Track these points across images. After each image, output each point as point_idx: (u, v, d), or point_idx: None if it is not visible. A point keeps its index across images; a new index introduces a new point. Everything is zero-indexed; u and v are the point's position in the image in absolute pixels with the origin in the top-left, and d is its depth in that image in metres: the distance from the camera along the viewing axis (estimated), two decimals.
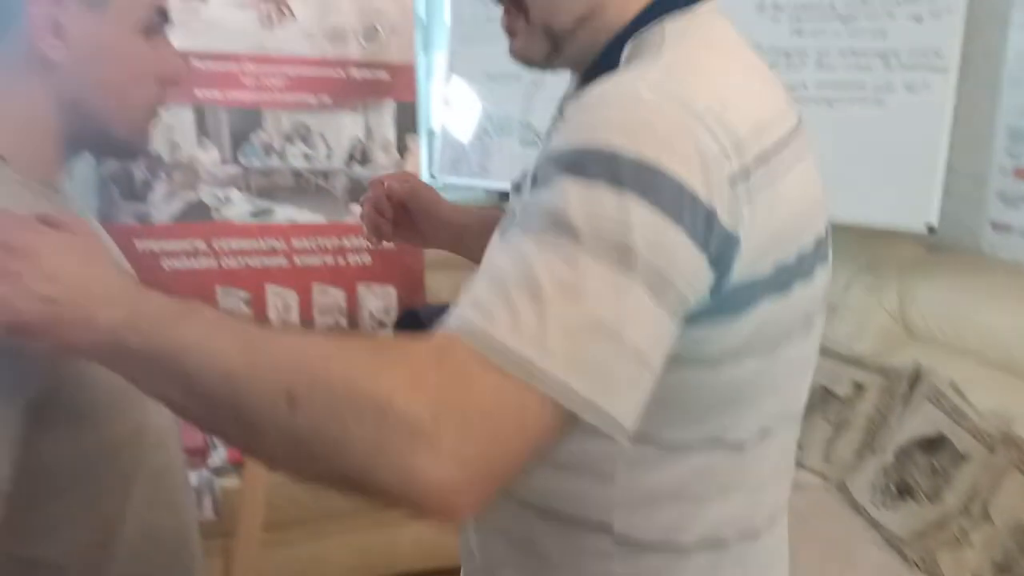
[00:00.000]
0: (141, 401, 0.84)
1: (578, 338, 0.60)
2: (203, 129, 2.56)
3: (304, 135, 2.97)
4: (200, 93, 2.58)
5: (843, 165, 2.49)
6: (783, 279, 0.75)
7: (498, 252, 0.68)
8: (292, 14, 2.68)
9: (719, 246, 0.68)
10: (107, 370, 0.67)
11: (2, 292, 0.64)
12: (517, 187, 0.92)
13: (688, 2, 0.81)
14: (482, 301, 0.62)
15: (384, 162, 3.12)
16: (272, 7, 2.66)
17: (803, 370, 0.86)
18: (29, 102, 0.88)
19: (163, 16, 0.94)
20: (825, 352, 1.12)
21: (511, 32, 0.87)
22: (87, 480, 0.89)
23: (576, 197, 0.64)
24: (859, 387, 2.60)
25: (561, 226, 0.64)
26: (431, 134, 3.24)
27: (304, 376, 0.59)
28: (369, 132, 3.11)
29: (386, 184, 1.25)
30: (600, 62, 0.82)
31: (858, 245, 2.84)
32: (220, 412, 0.62)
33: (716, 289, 0.70)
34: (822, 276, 0.82)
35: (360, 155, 3.08)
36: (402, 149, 3.16)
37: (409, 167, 3.14)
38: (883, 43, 2.52)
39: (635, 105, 0.68)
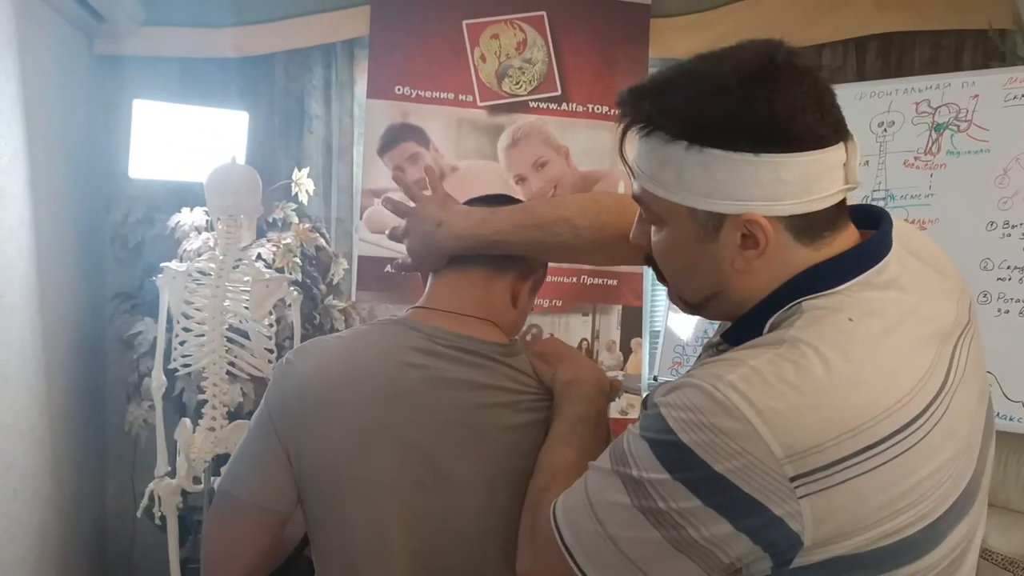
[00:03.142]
0: None
1: (603, 556, 0.84)
2: None
3: (535, 335, 3.22)
4: None
5: None
6: (880, 560, 0.78)
7: (596, 462, 0.89)
8: None
9: (770, 535, 0.76)
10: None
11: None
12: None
13: (830, 282, 0.84)
14: (573, 509, 0.88)
15: (608, 362, 3.29)
16: None
17: None
18: None
19: None
20: None
21: (664, 284, 0.99)
22: None
23: (647, 464, 0.81)
24: None
25: (626, 477, 0.82)
26: (654, 336, 3.38)
27: (547, 468, 1.03)
28: (596, 333, 3.32)
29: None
30: (743, 327, 0.89)
31: None
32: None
33: (781, 566, 0.78)
34: (943, 550, 0.82)
35: (585, 354, 3.26)
36: (625, 350, 3.34)
37: (631, 368, 3.30)
38: None
39: (712, 402, 0.77)
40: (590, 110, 3.23)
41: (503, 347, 1.14)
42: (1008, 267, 2.60)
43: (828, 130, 0.82)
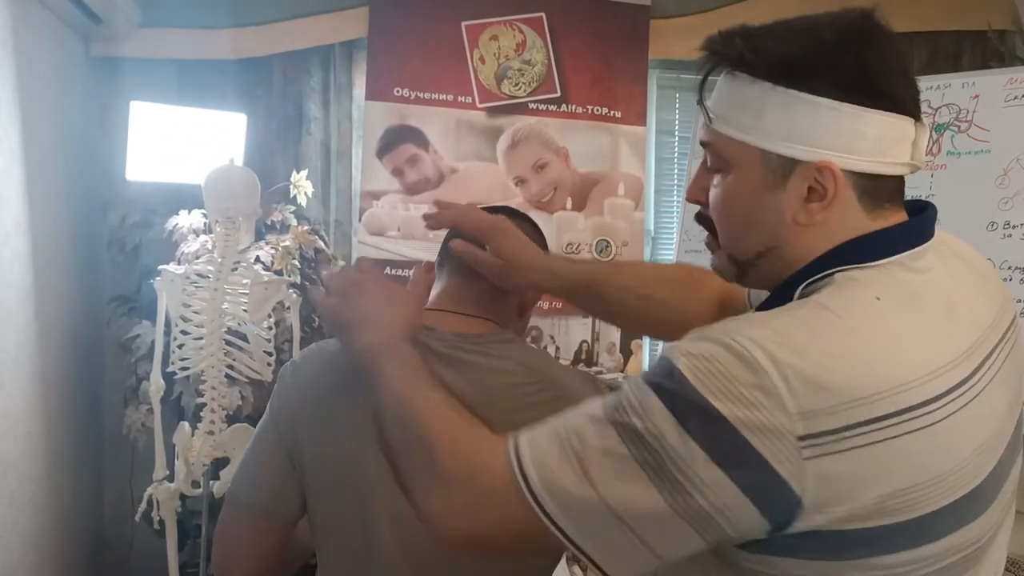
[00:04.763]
0: None
1: (591, 516, 0.77)
2: None
3: (536, 337, 3.21)
4: None
5: None
6: (871, 541, 0.76)
7: (583, 410, 0.83)
8: None
9: (769, 494, 0.74)
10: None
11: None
12: None
13: (870, 255, 0.83)
14: (545, 451, 0.80)
15: (608, 364, 3.29)
16: None
17: None
18: None
19: None
20: None
21: (711, 250, 0.98)
22: None
23: (651, 411, 0.77)
24: None
25: (624, 427, 0.78)
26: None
27: (414, 413, 0.91)
28: (596, 336, 3.31)
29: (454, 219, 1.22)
30: (777, 296, 0.88)
31: None
32: (386, 416, 0.96)
33: (777, 530, 0.76)
34: (942, 546, 0.80)
35: (586, 356, 3.26)
36: (626, 352, 3.33)
37: (631, 370, 3.29)
38: None
39: (730, 353, 0.75)
40: (590, 111, 3.23)
41: (500, 335, 1.16)
42: (1009, 267, 2.59)
43: (910, 97, 0.84)
